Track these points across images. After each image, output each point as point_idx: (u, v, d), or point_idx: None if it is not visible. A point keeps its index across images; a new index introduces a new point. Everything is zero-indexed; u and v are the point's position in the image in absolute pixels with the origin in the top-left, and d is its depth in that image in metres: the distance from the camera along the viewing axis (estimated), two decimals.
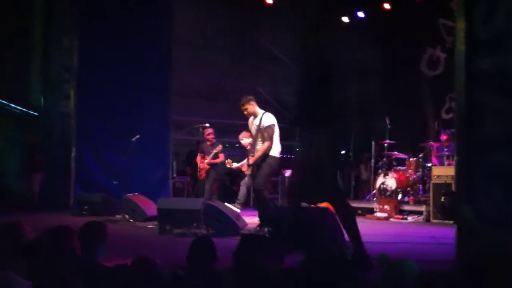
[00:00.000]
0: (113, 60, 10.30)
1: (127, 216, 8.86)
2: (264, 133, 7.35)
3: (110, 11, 10.33)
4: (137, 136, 9.76)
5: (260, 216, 7.50)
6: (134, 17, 10.46)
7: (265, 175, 7.37)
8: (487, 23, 4.31)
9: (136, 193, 9.25)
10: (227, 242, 4.87)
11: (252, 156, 7.44)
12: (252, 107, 7.57)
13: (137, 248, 5.78)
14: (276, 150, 7.40)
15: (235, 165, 9.52)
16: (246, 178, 8.64)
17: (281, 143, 7.53)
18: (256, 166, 7.41)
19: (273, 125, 7.38)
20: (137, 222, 8.59)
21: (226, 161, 9.58)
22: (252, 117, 7.62)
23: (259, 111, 7.58)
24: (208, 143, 9.76)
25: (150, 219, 8.40)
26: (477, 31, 4.38)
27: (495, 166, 4.23)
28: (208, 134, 9.77)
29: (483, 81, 4.33)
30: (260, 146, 7.36)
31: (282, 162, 10.93)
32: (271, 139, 7.30)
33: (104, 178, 10.39)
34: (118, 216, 8.98)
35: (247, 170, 7.88)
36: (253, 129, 7.58)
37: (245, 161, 9.09)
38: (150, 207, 8.72)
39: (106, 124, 10.45)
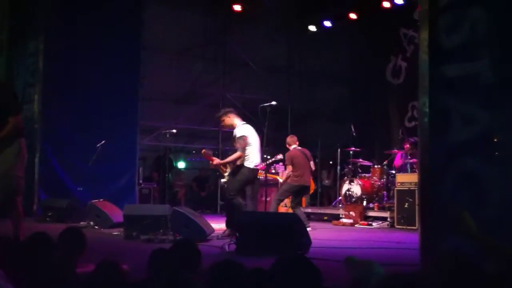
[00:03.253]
0: (80, 65, 10.22)
1: (92, 223, 8.73)
2: (237, 143, 7.41)
3: (78, 16, 10.25)
4: (103, 142, 9.67)
5: (227, 223, 7.52)
6: (101, 22, 10.39)
7: (238, 182, 7.43)
8: (451, 33, 4.43)
9: (101, 199, 9.13)
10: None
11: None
12: (229, 119, 7.59)
13: (103, 254, 5.72)
14: (251, 161, 7.43)
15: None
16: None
17: None
18: (231, 176, 7.47)
19: (245, 136, 7.38)
20: (102, 229, 8.48)
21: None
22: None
23: (238, 123, 7.59)
24: None
25: (116, 225, 8.31)
26: (441, 40, 4.49)
27: (463, 172, 4.29)
28: None
29: (448, 88, 4.42)
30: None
31: None
32: (242, 149, 7.35)
33: (69, 184, 10.25)
34: (83, 223, 8.83)
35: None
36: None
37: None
38: (116, 214, 8.62)
39: (73, 129, 10.33)
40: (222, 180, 7.83)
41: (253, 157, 7.44)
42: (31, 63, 10.45)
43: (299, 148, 9.13)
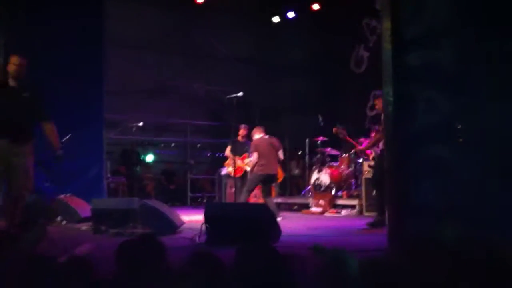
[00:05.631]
0: (43, 59, 10.00)
1: (59, 218, 8.64)
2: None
3: (39, 10, 10.04)
4: (68, 136, 9.52)
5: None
6: (64, 16, 10.19)
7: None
8: (413, 23, 4.51)
9: (69, 194, 9.04)
10: (164, 241, 4.84)
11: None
12: (380, 102, 7.61)
13: (71, 249, 5.66)
14: None
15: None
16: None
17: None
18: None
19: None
20: (70, 224, 8.40)
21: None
22: None
23: None
24: (241, 141, 10.17)
25: (84, 220, 8.23)
26: (403, 30, 4.57)
27: (430, 159, 4.38)
28: (242, 132, 10.18)
29: (412, 76, 4.51)
30: None
31: (218, 160, 11.05)
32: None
33: (35, 179, 10.07)
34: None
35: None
36: None
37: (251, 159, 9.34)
38: (84, 208, 8.53)
39: (36, 124, 10.13)
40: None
41: None
42: None
43: (266, 137, 9.12)
